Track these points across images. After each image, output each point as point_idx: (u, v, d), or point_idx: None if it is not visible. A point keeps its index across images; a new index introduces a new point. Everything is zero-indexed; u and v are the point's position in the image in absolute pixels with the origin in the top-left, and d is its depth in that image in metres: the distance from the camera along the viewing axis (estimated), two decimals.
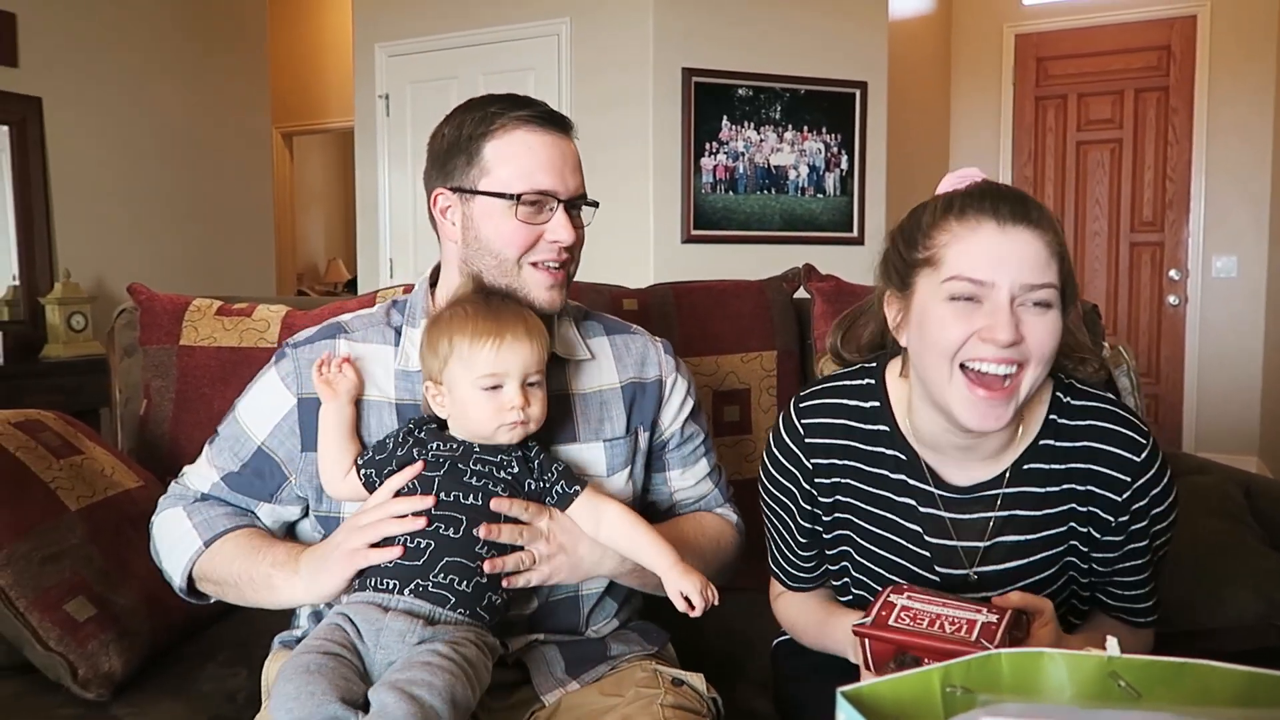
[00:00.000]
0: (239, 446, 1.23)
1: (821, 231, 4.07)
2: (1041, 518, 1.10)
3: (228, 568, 1.16)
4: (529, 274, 1.18)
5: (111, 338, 1.75)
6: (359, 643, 1.02)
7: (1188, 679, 0.55)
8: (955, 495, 1.10)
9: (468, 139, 1.18)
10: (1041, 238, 0.99)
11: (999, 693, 0.53)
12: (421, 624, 1.03)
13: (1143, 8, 4.97)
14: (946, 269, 1.01)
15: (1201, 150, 4.90)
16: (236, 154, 4.86)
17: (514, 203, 1.15)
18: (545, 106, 1.20)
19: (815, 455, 1.15)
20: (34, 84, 3.89)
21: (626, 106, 3.89)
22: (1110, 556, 1.11)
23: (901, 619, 0.95)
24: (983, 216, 1.00)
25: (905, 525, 1.12)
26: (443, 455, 1.10)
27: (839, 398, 1.16)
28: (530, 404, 1.10)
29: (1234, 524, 1.60)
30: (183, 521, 1.21)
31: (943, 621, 0.94)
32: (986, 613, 0.95)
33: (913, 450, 1.11)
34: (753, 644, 1.48)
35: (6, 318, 3.87)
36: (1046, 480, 1.09)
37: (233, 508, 1.23)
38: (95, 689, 1.26)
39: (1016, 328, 0.97)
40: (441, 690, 0.94)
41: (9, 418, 1.45)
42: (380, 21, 4.39)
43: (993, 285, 0.98)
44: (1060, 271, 1.00)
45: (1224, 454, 3.62)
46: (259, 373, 1.26)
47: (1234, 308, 4.90)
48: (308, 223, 7.63)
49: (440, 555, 1.06)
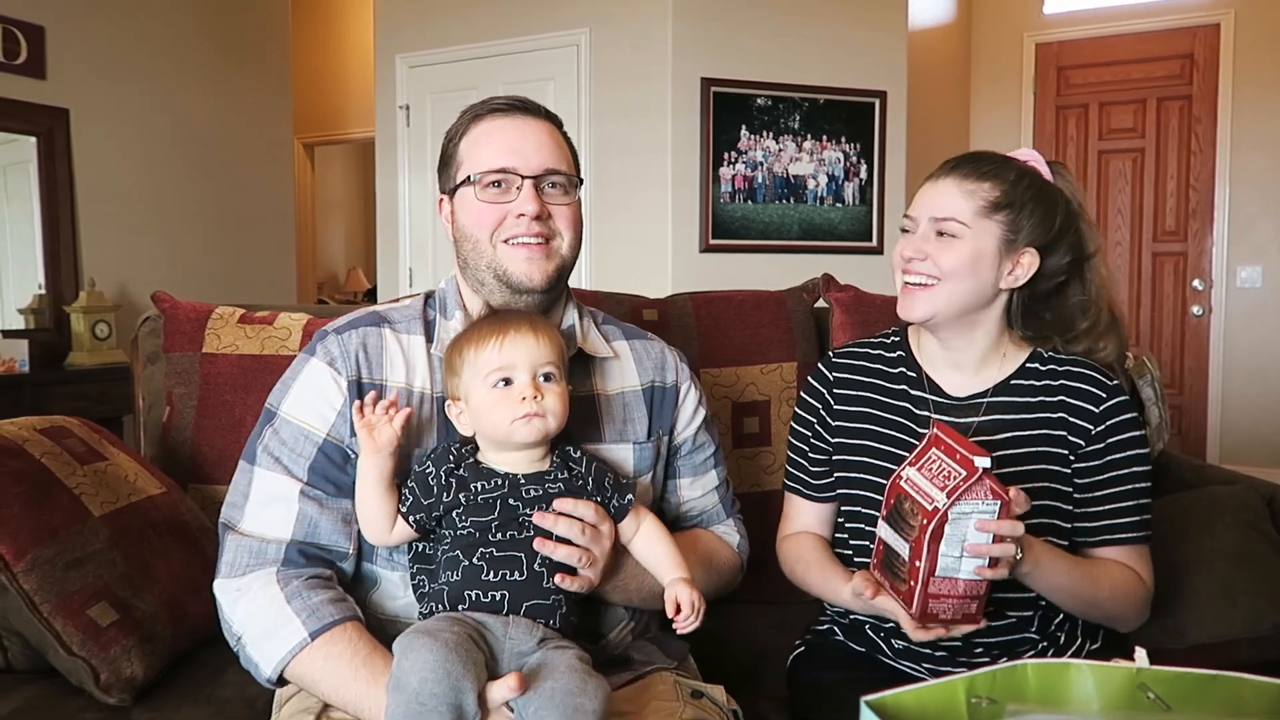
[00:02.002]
0: (301, 447, 1.15)
1: (840, 241, 4.06)
2: (1019, 425, 1.31)
3: (322, 681, 1.07)
4: (503, 251, 1.19)
5: (135, 345, 1.77)
6: (487, 632, 1.03)
7: (1219, 691, 0.54)
8: (948, 401, 1.36)
9: (449, 144, 1.25)
10: (962, 185, 1.29)
11: (1025, 703, 0.53)
12: (540, 625, 1.06)
13: (1165, 16, 4.94)
14: (908, 209, 1.36)
15: (1225, 160, 4.85)
16: (259, 164, 4.91)
17: (476, 185, 1.19)
18: (517, 97, 1.24)
19: (839, 372, 1.44)
20: (61, 96, 3.94)
21: (645, 116, 3.90)
22: (1093, 476, 1.29)
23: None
24: (932, 175, 1.34)
25: (907, 425, 1.36)
26: (490, 495, 1.08)
27: (868, 343, 1.46)
28: (544, 396, 1.08)
29: (1255, 534, 1.58)
30: (282, 608, 1.09)
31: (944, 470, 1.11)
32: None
33: (920, 368, 1.39)
34: (772, 656, 1.48)
35: (33, 326, 3.91)
36: (1027, 393, 1.32)
37: (334, 589, 1.12)
38: (117, 694, 1.27)
39: (920, 249, 1.29)
40: (594, 693, 0.97)
41: (34, 424, 1.46)
42: (401, 33, 4.43)
43: (915, 219, 1.32)
44: (980, 211, 1.27)
45: (1249, 466, 3.58)
46: (293, 369, 1.20)
47: (1259, 318, 4.84)
48: (328, 232, 7.68)
49: (518, 601, 1.06)
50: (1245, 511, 1.63)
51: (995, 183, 1.28)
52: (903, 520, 1.13)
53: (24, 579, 1.26)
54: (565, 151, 1.24)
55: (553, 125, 1.25)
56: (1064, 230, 1.30)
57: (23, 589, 1.26)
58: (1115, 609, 1.27)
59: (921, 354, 1.40)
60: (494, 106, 1.23)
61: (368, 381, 1.17)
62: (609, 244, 4.03)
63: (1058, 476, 1.29)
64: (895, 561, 1.14)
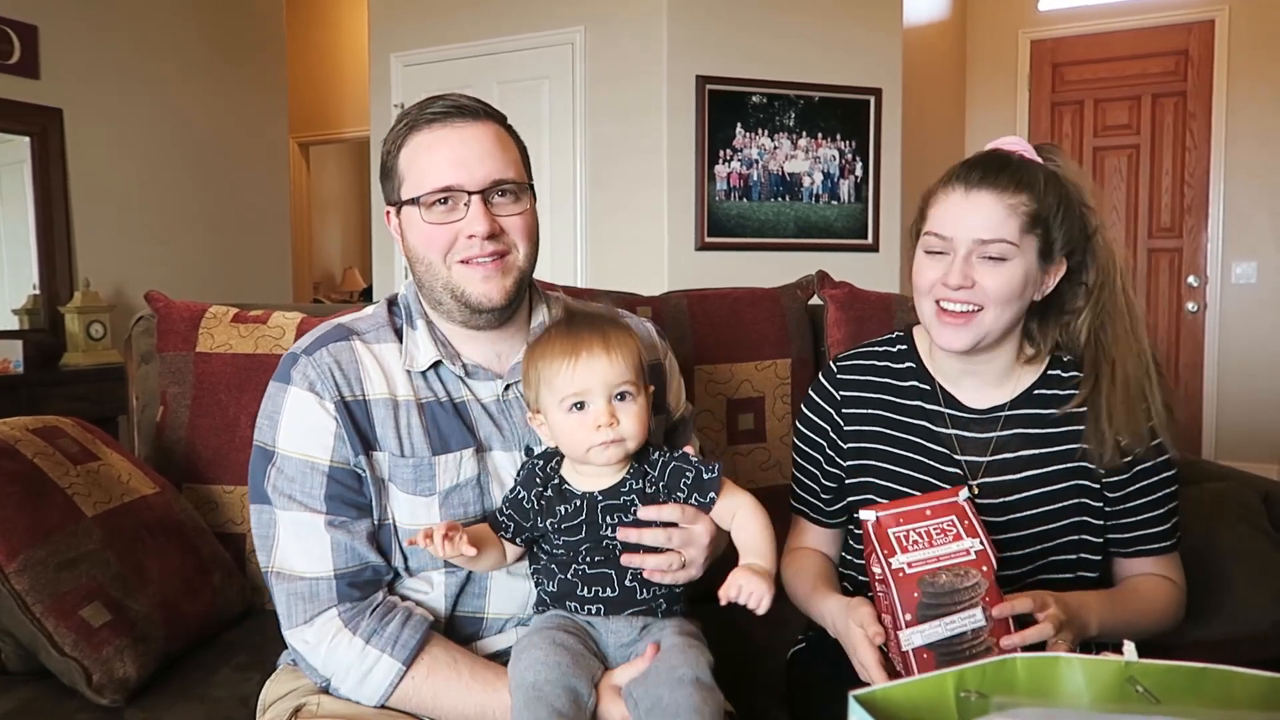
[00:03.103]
0: (310, 481, 1.13)
1: (836, 238, 4.06)
2: (1043, 440, 1.23)
3: (436, 699, 1.09)
4: (458, 271, 1.14)
5: (129, 345, 1.76)
6: (590, 629, 1.08)
7: (1208, 684, 0.54)
8: (965, 415, 1.27)
9: (388, 152, 1.18)
10: (1003, 200, 1.15)
11: (1014, 696, 0.53)
12: (639, 617, 1.09)
13: (1159, 13, 4.94)
14: (927, 226, 1.22)
15: (1220, 155, 4.85)
16: (254, 164, 4.90)
17: (421, 206, 1.13)
18: (453, 99, 1.16)
19: (845, 389, 1.33)
20: (55, 95, 3.93)
21: (640, 114, 3.90)
22: (1125, 489, 1.23)
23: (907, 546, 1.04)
24: (957, 184, 1.18)
25: (923, 444, 1.28)
26: (574, 520, 1.08)
27: (872, 353, 1.36)
28: (620, 420, 1.05)
29: (1252, 531, 1.58)
30: (364, 649, 1.09)
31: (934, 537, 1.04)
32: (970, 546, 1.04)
33: (933, 379, 1.30)
34: (768, 653, 1.47)
35: (27, 326, 3.90)
36: (1050, 404, 1.24)
37: (398, 608, 1.13)
38: (110, 694, 1.27)
39: (968, 275, 1.16)
40: (696, 662, 1.02)
41: (27, 424, 1.46)
42: (396, 32, 4.42)
43: (952, 239, 1.18)
44: (1023, 227, 1.15)
45: (1244, 462, 3.58)
46: (273, 400, 1.16)
47: (1254, 314, 4.85)
48: (324, 232, 7.67)
49: (615, 612, 1.08)
50: (1242, 508, 1.63)
51: (1030, 193, 1.16)
52: (949, 598, 1.01)
53: (16, 580, 1.26)
54: (513, 153, 1.18)
55: (497, 125, 1.17)
56: (1085, 228, 1.22)
57: (15, 590, 1.25)
58: (1158, 627, 1.25)
59: (933, 364, 1.31)
60: (431, 114, 1.15)
61: (351, 399, 1.14)
62: (605, 243, 4.03)
63: (1087, 491, 1.24)
64: (961, 644, 1.02)
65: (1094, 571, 1.27)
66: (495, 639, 1.18)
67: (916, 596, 1.01)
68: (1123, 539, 1.26)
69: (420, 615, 1.13)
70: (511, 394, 1.20)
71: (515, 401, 1.20)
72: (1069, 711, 0.53)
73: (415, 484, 1.14)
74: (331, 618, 1.11)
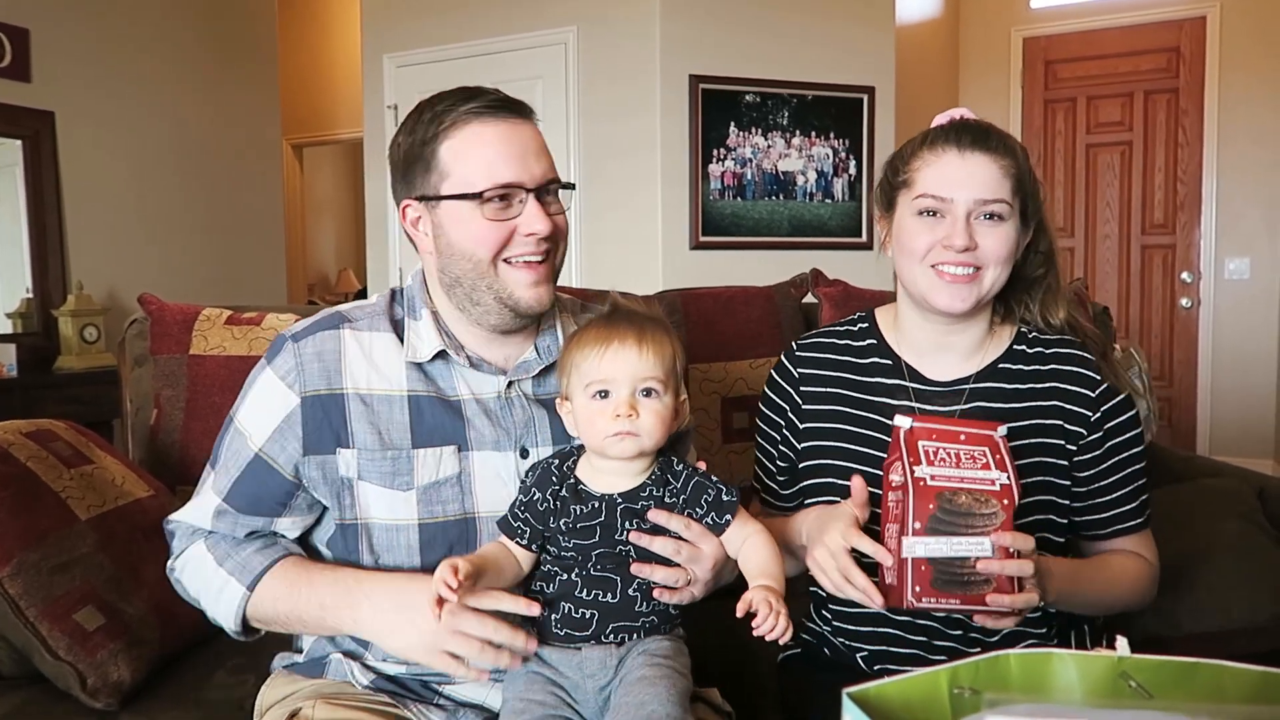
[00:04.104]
0: (238, 458, 1.16)
1: (830, 237, 4.06)
2: (1006, 415, 1.20)
3: (274, 608, 1.14)
4: (507, 273, 1.12)
5: (122, 348, 1.76)
6: (562, 680, 1.06)
7: (1200, 678, 0.54)
8: (927, 388, 1.27)
9: (422, 144, 1.13)
10: (996, 162, 1.17)
11: (1007, 693, 0.53)
12: (615, 646, 1.06)
13: (1151, 10, 4.95)
14: (918, 189, 1.21)
15: (1213, 152, 4.87)
16: (247, 166, 4.89)
17: (479, 201, 1.09)
18: (497, 94, 1.14)
19: (804, 367, 1.33)
20: (47, 98, 3.92)
21: (634, 114, 3.90)
22: (1097, 467, 1.23)
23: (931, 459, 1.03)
24: (948, 145, 1.19)
25: (884, 420, 1.24)
26: (588, 522, 1.06)
27: (833, 332, 1.37)
28: (640, 414, 1.04)
29: (1247, 526, 1.59)
30: (215, 569, 1.15)
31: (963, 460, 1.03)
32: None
33: (896, 355, 1.30)
34: (761, 656, 1.47)
35: (20, 330, 3.89)
36: (1015, 378, 1.25)
37: (260, 539, 1.18)
38: (104, 698, 1.26)
39: (971, 236, 1.16)
40: (665, 697, 0.99)
41: (20, 427, 1.45)
42: (389, 33, 4.41)
43: (952, 201, 1.17)
44: (1014, 190, 1.18)
45: (1238, 457, 3.59)
46: (252, 374, 1.19)
47: (1247, 310, 4.86)
48: (318, 233, 7.66)
49: (606, 622, 1.06)
50: (1238, 503, 1.64)
51: (1012, 158, 1.19)
52: (963, 519, 1.00)
53: (9, 583, 1.25)
54: (551, 154, 1.17)
55: (535, 125, 1.16)
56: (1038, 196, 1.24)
57: (8, 593, 1.25)
58: (1129, 602, 1.26)
59: (899, 339, 1.31)
60: (479, 107, 1.11)
61: (326, 392, 1.13)
62: (599, 242, 4.03)
63: (1053, 468, 1.22)
64: (961, 569, 1.00)
65: (1058, 554, 1.25)
66: None
67: (931, 509, 1.00)
68: (1097, 520, 1.25)
69: (280, 545, 1.18)
70: (514, 391, 1.18)
71: (517, 399, 1.18)
72: (1062, 707, 0.53)
73: (393, 477, 1.13)
74: (199, 544, 1.18)
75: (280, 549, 1.17)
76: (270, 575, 1.14)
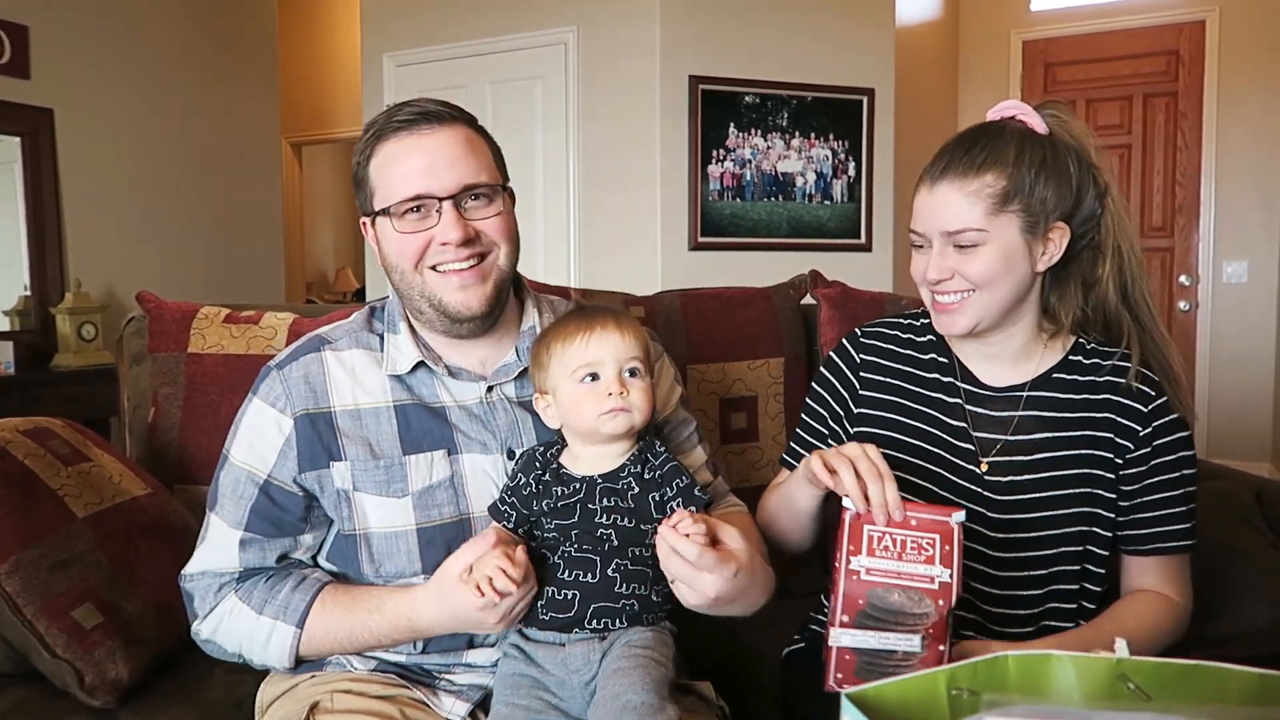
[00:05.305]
0: (244, 490, 1.17)
1: (829, 238, 4.07)
2: (1061, 424, 1.22)
3: (327, 637, 1.14)
4: (434, 280, 1.15)
5: (120, 346, 1.76)
6: (546, 679, 1.07)
7: (1199, 681, 0.54)
8: (983, 393, 1.27)
9: (359, 164, 1.18)
10: (969, 185, 1.16)
11: (1006, 694, 0.53)
12: (598, 640, 1.06)
13: (1151, 13, 4.96)
14: (910, 222, 1.25)
15: (1211, 155, 4.87)
16: (246, 164, 4.88)
17: (392, 216, 1.13)
18: (419, 105, 1.15)
19: (866, 354, 1.34)
20: (46, 96, 3.92)
21: (634, 114, 3.90)
22: (1141, 481, 1.21)
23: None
24: (924, 179, 1.22)
25: (938, 417, 1.27)
26: (569, 501, 1.09)
27: (897, 324, 1.37)
28: (629, 391, 1.09)
29: (1246, 530, 1.59)
30: (257, 619, 1.15)
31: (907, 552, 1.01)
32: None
33: (953, 356, 1.30)
34: (758, 651, 1.47)
35: (18, 327, 3.89)
36: (1070, 388, 1.24)
37: (291, 578, 1.17)
38: (102, 696, 1.26)
39: (944, 267, 1.19)
40: (640, 685, 1.00)
41: (17, 425, 1.45)
42: (388, 32, 4.41)
43: (925, 235, 1.22)
44: (994, 208, 1.16)
45: (1236, 460, 3.59)
46: (241, 409, 1.21)
47: (1245, 313, 4.87)
48: (317, 232, 7.65)
49: (587, 604, 1.06)
50: (1236, 506, 1.64)
51: (996, 171, 1.16)
52: (893, 617, 0.98)
53: (7, 581, 1.25)
54: (484, 155, 1.17)
55: (465, 128, 1.16)
56: (1082, 187, 1.19)
57: (5, 591, 1.25)
58: (1151, 651, 1.17)
59: (956, 342, 1.31)
60: (397, 123, 1.14)
61: (316, 411, 1.17)
62: (598, 243, 4.03)
63: (1101, 481, 1.21)
64: (887, 661, 0.99)
65: (1100, 567, 1.23)
66: (487, 651, 1.17)
67: (861, 604, 0.98)
68: (1138, 535, 1.22)
69: (315, 575, 1.18)
70: (495, 395, 1.20)
71: (499, 403, 1.20)
72: (1060, 709, 0.53)
73: (388, 485, 1.15)
74: (230, 599, 1.17)
75: (314, 582, 1.17)
76: (317, 608, 1.14)
